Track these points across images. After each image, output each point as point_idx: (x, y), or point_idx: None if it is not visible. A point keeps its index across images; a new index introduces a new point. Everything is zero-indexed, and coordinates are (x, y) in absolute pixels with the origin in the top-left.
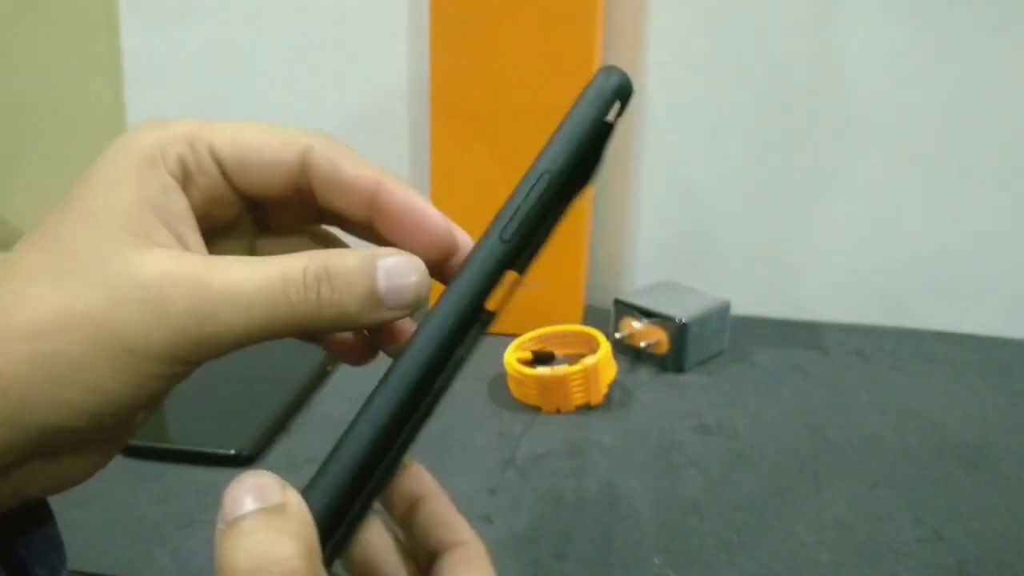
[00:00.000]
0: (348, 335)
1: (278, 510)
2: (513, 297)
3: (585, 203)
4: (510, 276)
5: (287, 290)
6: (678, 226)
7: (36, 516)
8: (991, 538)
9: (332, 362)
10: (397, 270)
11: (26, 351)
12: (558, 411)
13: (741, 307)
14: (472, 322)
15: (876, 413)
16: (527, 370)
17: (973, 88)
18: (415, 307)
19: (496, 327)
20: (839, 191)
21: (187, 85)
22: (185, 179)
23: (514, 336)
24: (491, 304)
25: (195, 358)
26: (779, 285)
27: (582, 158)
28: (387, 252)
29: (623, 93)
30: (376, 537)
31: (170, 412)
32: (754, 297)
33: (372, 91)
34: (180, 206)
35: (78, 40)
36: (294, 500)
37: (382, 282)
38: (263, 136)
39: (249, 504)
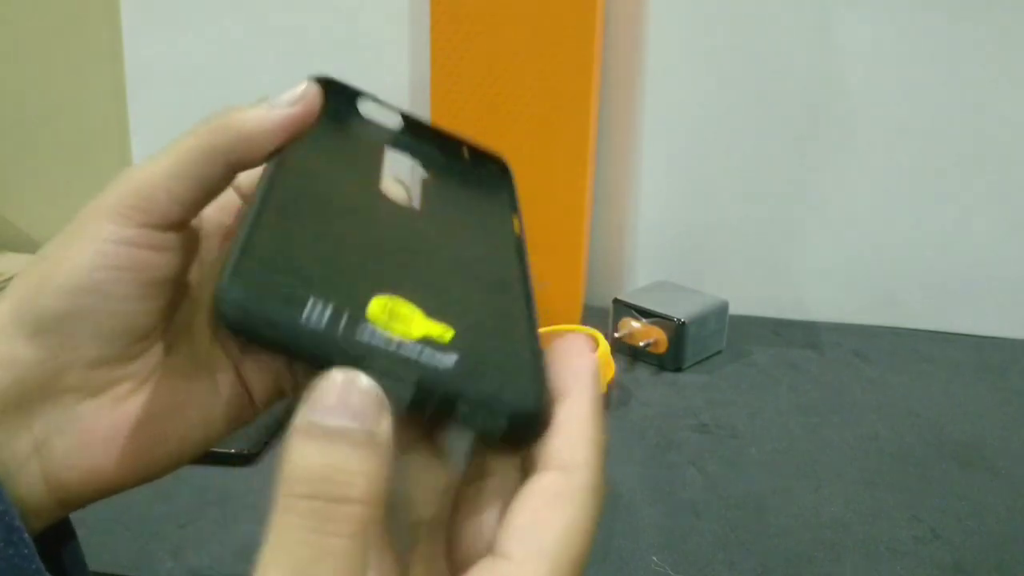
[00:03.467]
0: None
1: (369, 436)
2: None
3: (585, 204)
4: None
5: (196, 128)
6: (677, 226)
7: (63, 533)
8: (988, 536)
9: None
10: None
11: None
12: None
13: (739, 307)
14: None
15: (873, 412)
16: None
17: (970, 90)
18: (301, 102)
19: None
20: (837, 192)
21: (187, 85)
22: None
23: None
24: (516, 227)
25: (136, 214)
26: (777, 285)
27: None
28: None
29: None
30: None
31: None
32: (752, 297)
33: (372, 91)
34: None
35: (79, 40)
36: (384, 430)
37: (269, 98)
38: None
39: (345, 420)
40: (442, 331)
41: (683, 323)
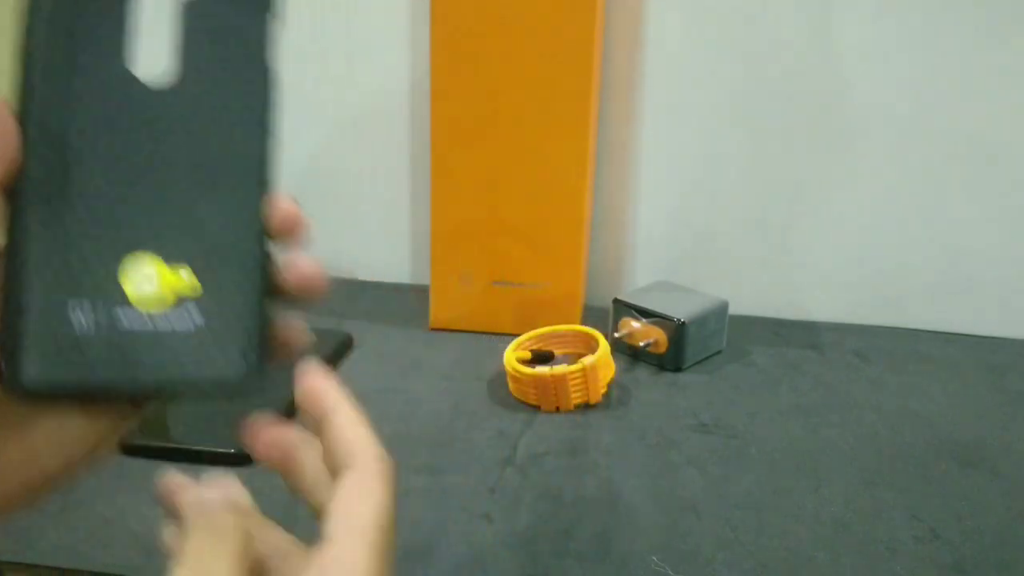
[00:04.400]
0: None
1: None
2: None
3: (585, 204)
4: None
5: None
6: (677, 226)
7: None
8: (987, 536)
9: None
10: None
11: None
12: (557, 410)
13: (739, 307)
14: None
15: (873, 412)
16: (526, 370)
17: (970, 89)
18: None
19: (495, 327)
20: (837, 192)
21: None
22: None
23: (514, 336)
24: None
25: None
26: (777, 285)
27: None
28: None
29: None
30: (304, 443)
31: (170, 411)
32: (752, 297)
33: (373, 92)
34: None
35: None
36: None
37: None
38: None
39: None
40: (187, 285)
41: (683, 323)
